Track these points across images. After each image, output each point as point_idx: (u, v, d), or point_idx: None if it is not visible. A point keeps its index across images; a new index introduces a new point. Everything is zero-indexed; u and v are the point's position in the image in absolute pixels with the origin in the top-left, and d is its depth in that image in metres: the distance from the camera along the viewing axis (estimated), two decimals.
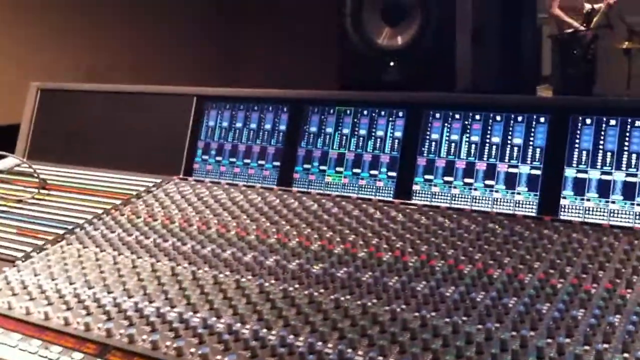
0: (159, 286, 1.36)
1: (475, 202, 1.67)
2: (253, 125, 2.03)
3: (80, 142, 2.31)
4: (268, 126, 2.00)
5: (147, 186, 1.94)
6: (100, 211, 1.81)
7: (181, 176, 2.04)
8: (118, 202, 1.86)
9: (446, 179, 1.72)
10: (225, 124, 2.07)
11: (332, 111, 1.92)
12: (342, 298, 1.26)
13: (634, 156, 1.53)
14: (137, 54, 4.39)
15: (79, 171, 2.13)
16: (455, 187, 1.70)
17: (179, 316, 1.23)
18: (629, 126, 1.55)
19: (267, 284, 1.34)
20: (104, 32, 4.37)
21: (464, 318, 1.16)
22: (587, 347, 1.04)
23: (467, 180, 1.69)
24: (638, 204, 1.50)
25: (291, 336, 1.15)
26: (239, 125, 2.05)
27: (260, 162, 1.99)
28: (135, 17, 4.52)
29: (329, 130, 1.91)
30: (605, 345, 1.04)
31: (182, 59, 4.44)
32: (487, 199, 1.66)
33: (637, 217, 1.49)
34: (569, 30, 5.93)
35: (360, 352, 1.09)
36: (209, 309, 1.26)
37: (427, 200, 1.72)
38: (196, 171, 2.07)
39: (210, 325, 1.19)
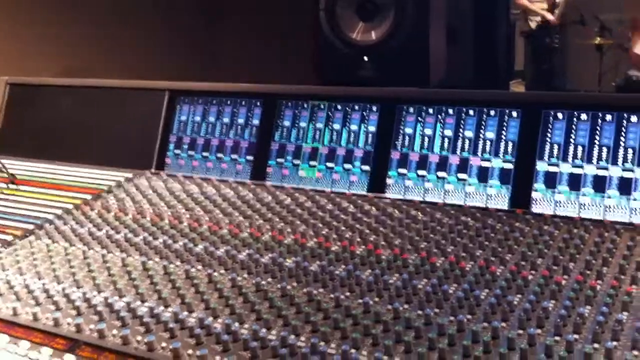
0: (130, 281, 1.35)
1: (448, 196, 1.67)
2: (226, 120, 2.01)
3: (51, 137, 2.27)
4: (241, 120, 1.99)
5: (118, 181, 1.91)
6: (70, 206, 1.78)
7: (153, 170, 2.02)
8: (89, 196, 1.83)
9: (419, 172, 1.72)
10: (197, 118, 2.06)
11: (305, 105, 1.92)
12: (315, 291, 1.25)
13: (604, 150, 1.55)
14: (111, 54, 4.33)
15: (49, 166, 2.10)
16: (428, 181, 1.71)
17: (150, 311, 1.22)
18: (599, 120, 1.57)
19: (239, 278, 1.33)
20: (79, 32, 4.30)
21: (437, 310, 1.16)
22: (557, 338, 1.05)
23: (440, 174, 1.70)
24: (608, 197, 1.52)
25: (263, 330, 1.14)
26: (211, 119, 2.03)
27: (233, 156, 1.97)
28: (108, 17, 4.46)
29: (303, 124, 1.90)
30: (576, 336, 1.05)
31: (156, 58, 4.40)
32: (460, 192, 1.66)
33: (607, 209, 1.51)
34: (535, 20, 6.01)
35: (333, 345, 1.09)
36: (181, 303, 1.25)
37: (400, 194, 1.72)
38: (168, 165, 2.05)
39: (181, 319, 1.18)
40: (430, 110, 1.75)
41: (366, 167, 1.79)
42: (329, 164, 1.84)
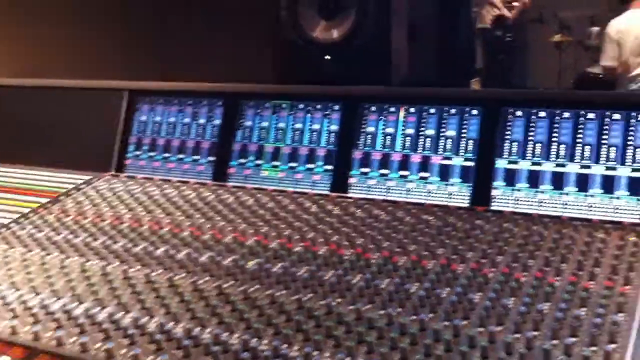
0: (89, 286, 1.32)
1: (410, 194, 1.68)
2: (187, 120, 1.99)
3: (6, 139, 2.22)
4: (202, 120, 1.97)
5: (76, 184, 1.88)
6: (27, 210, 1.74)
7: (113, 172, 1.99)
8: (46, 200, 1.80)
9: (382, 171, 1.73)
10: (158, 118, 2.03)
11: (267, 105, 1.91)
12: (278, 293, 1.25)
13: (562, 147, 1.57)
14: (69, 54, 4.26)
15: (4, 169, 2.05)
16: (390, 180, 1.71)
17: (109, 317, 1.20)
18: (558, 117, 1.59)
19: (200, 281, 1.31)
20: (35, 32, 4.22)
21: (399, 309, 1.16)
22: (517, 335, 1.06)
23: (402, 172, 1.70)
24: (566, 194, 1.54)
25: (225, 333, 1.13)
26: (172, 119, 2.01)
27: (194, 157, 1.95)
28: (66, 17, 4.39)
29: (265, 124, 1.89)
30: (535, 333, 1.06)
31: (115, 58, 4.34)
32: (421, 190, 1.67)
33: (566, 206, 1.53)
34: (492, 15, 6.09)
35: (295, 347, 1.08)
36: (141, 308, 1.23)
37: (363, 193, 1.72)
38: (128, 167, 2.02)
39: (141, 325, 1.17)
40: (392, 109, 1.76)
41: (329, 167, 1.79)
42: (292, 164, 1.83)
